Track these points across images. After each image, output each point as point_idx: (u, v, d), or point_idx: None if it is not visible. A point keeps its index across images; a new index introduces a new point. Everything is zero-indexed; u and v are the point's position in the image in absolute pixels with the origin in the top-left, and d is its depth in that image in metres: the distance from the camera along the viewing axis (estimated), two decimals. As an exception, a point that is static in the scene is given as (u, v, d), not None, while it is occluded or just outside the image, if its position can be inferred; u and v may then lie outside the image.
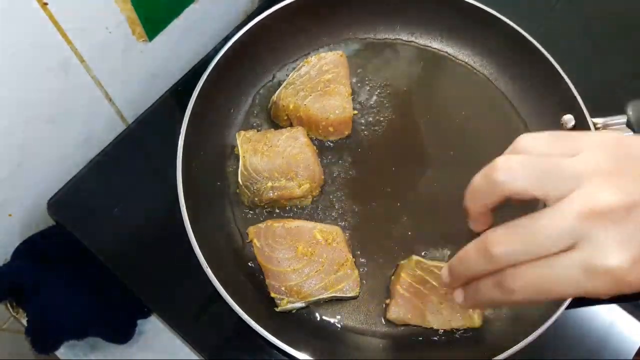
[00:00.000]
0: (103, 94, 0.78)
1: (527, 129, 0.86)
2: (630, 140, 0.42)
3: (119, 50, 0.76)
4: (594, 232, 0.38)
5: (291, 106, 0.81)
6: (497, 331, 0.72)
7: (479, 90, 0.90)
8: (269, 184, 0.75)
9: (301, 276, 0.70)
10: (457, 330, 0.71)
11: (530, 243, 0.41)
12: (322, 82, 0.82)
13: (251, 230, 0.74)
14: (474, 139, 0.85)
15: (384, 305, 0.73)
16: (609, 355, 0.75)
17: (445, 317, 0.70)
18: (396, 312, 0.70)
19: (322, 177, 0.79)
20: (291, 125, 0.83)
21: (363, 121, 0.86)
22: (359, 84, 0.89)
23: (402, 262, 0.75)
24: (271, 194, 0.75)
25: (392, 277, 0.75)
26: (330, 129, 0.81)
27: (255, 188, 0.76)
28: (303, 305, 0.70)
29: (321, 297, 0.70)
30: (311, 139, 0.82)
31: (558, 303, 0.67)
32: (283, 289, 0.70)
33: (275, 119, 0.85)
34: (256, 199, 0.76)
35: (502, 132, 0.86)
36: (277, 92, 0.84)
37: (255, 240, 0.73)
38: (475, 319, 0.70)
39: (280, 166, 0.76)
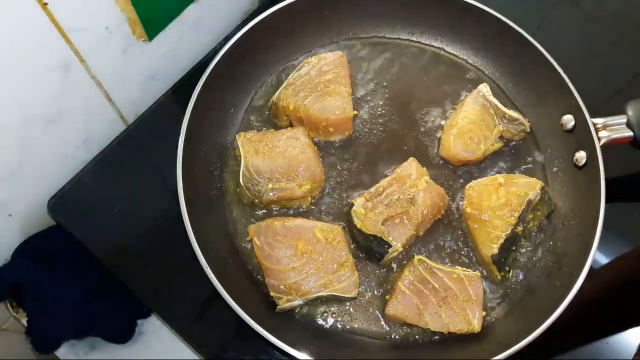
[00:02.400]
0: (103, 94, 0.78)
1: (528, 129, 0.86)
2: None
3: (119, 50, 0.76)
4: None
5: (291, 107, 0.81)
6: (497, 331, 0.72)
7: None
8: (270, 185, 0.75)
9: (300, 274, 0.70)
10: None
11: None
12: (322, 82, 0.82)
13: (251, 228, 0.74)
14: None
15: (384, 304, 0.73)
16: (609, 355, 0.75)
17: (443, 320, 0.69)
18: (394, 308, 0.70)
19: (323, 177, 0.79)
20: (291, 125, 0.83)
21: (363, 121, 0.86)
22: (359, 84, 0.89)
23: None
24: (271, 195, 0.75)
25: (396, 274, 0.75)
26: (331, 129, 0.81)
27: (255, 190, 0.76)
28: (301, 302, 0.70)
29: (320, 294, 0.70)
30: (311, 139, 0.82)
31: (557, 304, 0.67)
32: (282, 287, 0.70)
33: (275, 119, 0.85)
34: (256, 200, 0.77)
35: (502, 132, 0.86)
36: (277, 93, 0.84)
37: (255, 239, 0.73)
38: (474, 324, 0.69)
39: (282, 166, 0.76)
